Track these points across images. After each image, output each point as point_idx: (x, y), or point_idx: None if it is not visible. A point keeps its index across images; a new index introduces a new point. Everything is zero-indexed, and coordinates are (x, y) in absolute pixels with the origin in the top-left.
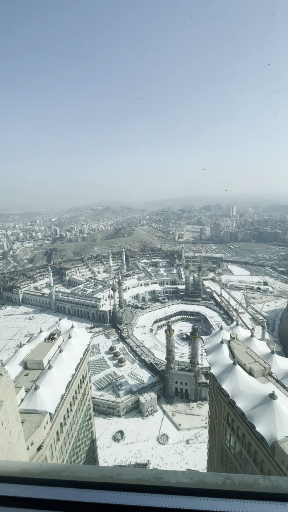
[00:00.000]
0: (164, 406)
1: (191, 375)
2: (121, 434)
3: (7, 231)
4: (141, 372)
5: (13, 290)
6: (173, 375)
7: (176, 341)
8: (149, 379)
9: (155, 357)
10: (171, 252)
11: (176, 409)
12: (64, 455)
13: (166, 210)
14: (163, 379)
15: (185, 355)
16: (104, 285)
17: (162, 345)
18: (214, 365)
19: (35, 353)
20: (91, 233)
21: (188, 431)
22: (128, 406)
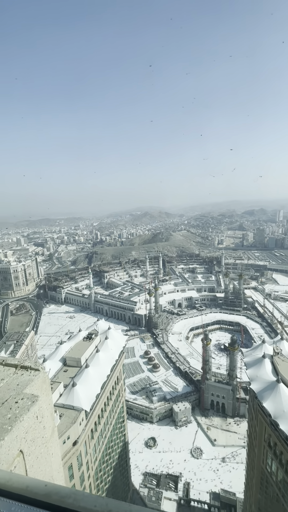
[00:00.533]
0: (199, 418)
1: (228, 388)
2: (153, 441)
3: (54, 234)
4: (175, 379)
5: (57, 290)
6: (209, 387)
7: (213, 351)
8: (184, 388)
9: (190, 366)
10: (210, 258)
11: (212, 423)
12: (98, 453)
13: (205, 215)
14: (198, 390)
15: (222, 367)
16: (140, 289)
17: (198, 354)
18: (254, 381)
19: (74, 351)
20: (129, 238)
21: (224, 448)
22: (161, 414)
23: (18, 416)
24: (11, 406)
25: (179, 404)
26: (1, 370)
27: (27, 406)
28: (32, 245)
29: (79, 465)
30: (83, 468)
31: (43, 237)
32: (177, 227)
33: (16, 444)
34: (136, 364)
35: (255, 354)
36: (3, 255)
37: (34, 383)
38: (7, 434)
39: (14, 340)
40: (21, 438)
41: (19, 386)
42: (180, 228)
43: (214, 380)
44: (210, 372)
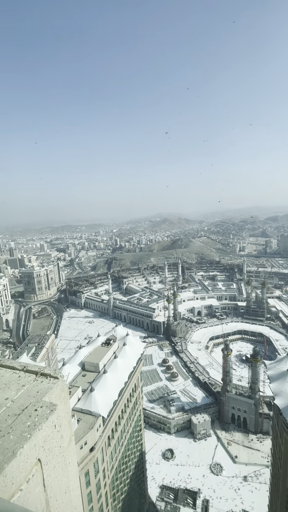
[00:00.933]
0: (219, 432)
1: (250, 402)
2: (171, 453)
3: (75, 240)
4: (194, 390)
5: (77, 294)
6: (230, 399)
7: (234, 362)
8: (203, 399)
9: (210, 376)
10: (231, 265)
11: (232, 438)
12: (114, 462)
13: (226, 221)
14: (218, 402)
15: (244, 379)
16: (159, 296)
17: (218, 365)
18: (279, 396)
19: (92, 356)
20: (148, 244)
21: (246, 466)
22: (179, 425)
23: (37, 425)
24: (31, 414)
25: (198, 416)
26: (22, 376)
27: (45, 415)
28: (55, 251)
29: (95, 472)
30: (99, 475)
31: (65, 243)
32: (197, 234)
33: (35, 453)
34: (154, 372)
35: (279, 367)
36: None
37: (53, 391)
38: (26, 442)
39: (35, 343)
40: (40, 446)
41: (39, 394)
42: (200, 235)
43: (235, 392)
44: (230, 384)
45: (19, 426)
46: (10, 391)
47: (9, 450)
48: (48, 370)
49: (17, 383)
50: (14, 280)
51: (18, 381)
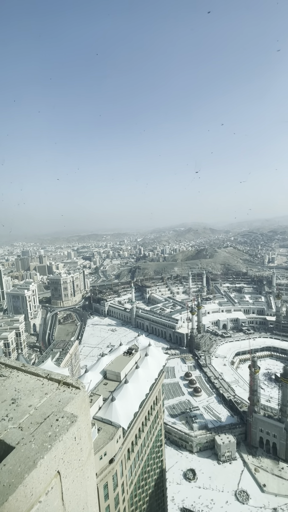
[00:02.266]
0: (245, 456)
1: (281, 426)
2: (192, 473)
3: (100, 249)
4: (218, 407)
5: (101, 302)
6: (258, 421)
7: (262, 381)
8: (228, 419)
9: (235, 394)
10: (259, 277)
11: (260, 464)
12: (133, 477)
13: (254, 232)
14: (244, 423)
15: (273, 400)
16: (182, 307)
17: (244, 382)
18: None
19: (114, 365)
20: (172, 254)
21: (275, 497)
22: (202, 444)
23: (57, 435)
24: (52, 423)
25: (223, 436)
26: (46, 384)
27: (66, 426)
28: (81, 259)
29: (114, 485)
30: (118, 489)
31: (91, 251)
32: (223, 244)
33: (54, 465)
34: (176, 386)
35: None
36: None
37: (75, 401)
38: (47, 452)
39: (60, 348)
40: (59, 458)
41: (61, 403)
42: (226, 245)
43: (263, 414)
44: (258, 404)
45: (41, 436)
46: (34, 398)
47: (30, 460)
48: (70, 379)
49: (41, 391)
50: (42, 286)
51: (42, 389)
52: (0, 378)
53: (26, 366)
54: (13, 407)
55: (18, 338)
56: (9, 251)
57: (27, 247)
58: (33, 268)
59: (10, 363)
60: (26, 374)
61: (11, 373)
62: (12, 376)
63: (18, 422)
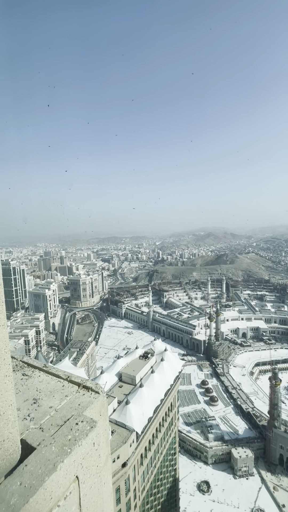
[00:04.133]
0: (263, 472)
1: None
2: (207, 486)
3: (119, 252)
4: (235, 419)
5: (118, 304)
6: (278, 437)
7: (283, 395)
8: (245, 432)
9: (254, 406)
10: (282, 285)
11: (280, 482)
12: (146, 483)
13: (278, 237)
14: (263, 438)
15: None
16: (200, 313)
17: (264, 395)
18: None
19: (129, 368)
20: (191, 258)
21: None
22: (218, 456)
23: (77, 440)
24: (72, 427)
25: (240, 449)
26: (66, 386)
27: (86, 431)
28: (100, 261)
29: (126, 490)
30: (130, 494)
31: (110, 253)
32: (244, 249)
33: (73, 469)
34: (192, 393)
35: None
36: (75, 268)
37: (94, 405)
38: (67, 457)
39: (77, 348)
40: (78, 463)
41: (80, 407)
42: (248, 251)
43: (284, 430)
44: (279, 419)
45: (61, 439)
46: (55, 400)
47: (51, 463)
48: (90, 383)
49: (61, 393)
50: (62, 286)
51: (62, 391)
52: (23, 377)
53: (47, 367)
54: (35, 407)
55: (38, 336)
56: (32, 251)
57: (49, 248)
58: (54, 268)
59: (33, 363)
60: (47, 375)
61: (33, 373)
62: (34, 376)
63: (39, 422)
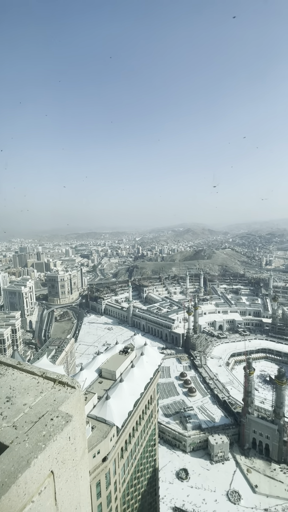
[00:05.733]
0: (238, 456)
1: (274, 428)
2: (185, 473)
3: (98, 247)
4: (212, 408)
5: (98, 300)
6: (251, 422)
7: (256, 383)
8: (221, 419)
9: (230, 395)
10: (256, 279)
11: (253, 465)
12: (126, 475)
13: (252, 234)
14: (238, 424)
15: (267, 402)
16: (179, 307)
17: (239, 383)
18: None
19: (109, 363)
20: (170, 254)
21: (267, 498)
22: (195, 444)
23: (52, 435)
24: (47, 423)
25: (216, 436)
26: (41, 383)
27: (61, 426)
28: (79, 257)
29: (107, 483)
30: (110, 487)
31: (89, 249)
32: (221, 245)
33: (48, 464)
34: (171, 386)
35: None
36: (53, 264)
37: (70, 400)
38: (41, 452)
39: (56, 346)
40: (53, 458)
41: (56, 402)
42: (224, 246)
43: (257, 415)
44: (252, 406)
45: (35, 435)
46: (29, 397)
47: (24, 459)
48: (66, 378)
49: (36, 389)
50: (39, 283)
51: (37, 387)
52: None
53: (21, 364)
54: (8, 406)
55: (14, 334)
56: (7, 247)
57: (25, 244)
58: (30, 265)
59: (6, 361)
60: (22, 372)
61: (6, 371)
62: (7, 374)
63: (12, 420)
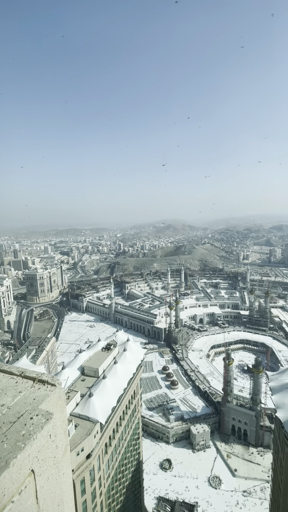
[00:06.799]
0: (218, 443)
1: (251, 414)
2: (168, 463)
3: (79, 244)
4: (194, 399)
5: (79, 298)
6: (230, 410)
7: (235, 372)
8: (203, 409)
9: (210, 386)
10: (234, 273)
11: (232, 450)
12: (111, 470)
13: (230, 229)
14: (218, 412)
15: (245, 390)
16: (161, 302)
17: (219, 374)
18: (281, 408)
19: (92, 361)
20: (152, 250)
21: (245, 480)
22: (178, 434)
23: (31, 434)
24: (26, 422)
25: (198, 426)
26: (20, 382)
27: (41, 424)
28: (58, 254)
29: (91, 480)
30: (95, 483)
31: (69, 246)
32: (201, 241)
33: (28, 463)
34: (154, 380)
35: (282, 378)
36: (31, 262)
37: (50, 398)
38: (20, 452)
39: (36, 345)
40: (33, 457)
41: (35, 401)
42: (204, 242)
43: (236, 403)
44: (231, 394)
45: (14, 435)
46: (7, 397)
47: (2, 460)
48: (45, 376)
49: (14, 389)
50: (17, 281)
51: (15, 387)
52: None
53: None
54: None
55: None
56: None
57: (0, 241)
58: (7, 263)
59: None
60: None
61: None
62: None
63: None
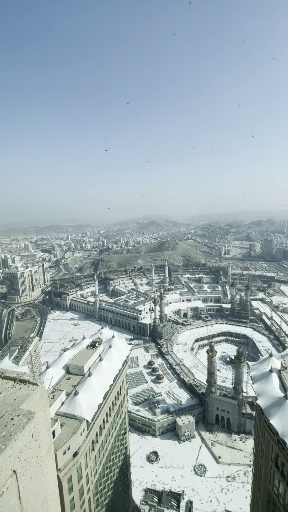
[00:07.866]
0: (203, 433)
1: (234, 403)
2: (155, 455)
3: (61, 241)
4: (179, 392)
5: (62, 296)
6: (214, 400)
7: (218, 364)
8: (188, 401)
9: (195, 378)
10: (216, 268)
11: (216, 438)
12: (98, 466)
13: (212, 225)
14: (202, 403)
15: (228, 380)
16: (145, 298)
17: (203, 366)
18: (261, 396)
19: (77, 359)
20: (136, 246)
21: (229, 466)
22: (164, 427)
23: (12, 434)
24: (7, 423)
25: (183, 417)
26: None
27: (22, 424)
28: (40, 251)
29: (78, 477)
30: (82, 481)
31: (51, 243)
32: (184, 236)
33: (10, 464)
34: (140, 375)
35: (262, 368)
36: (11, 260)
37: (32, 398)
38: (1, 453)
39: (18, 346)
40: (15, 457)
41: (16, 401)
42: (187, 237)
43: (219, 393)
44: (215, 385)
45: None
46: None
47: None
48: (27, 376)
49: None
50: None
51: None
52: None
53: None
54: None
55: None
56: None
57: None
58: None
59: None
60: None
61: None
62: None
63: None
